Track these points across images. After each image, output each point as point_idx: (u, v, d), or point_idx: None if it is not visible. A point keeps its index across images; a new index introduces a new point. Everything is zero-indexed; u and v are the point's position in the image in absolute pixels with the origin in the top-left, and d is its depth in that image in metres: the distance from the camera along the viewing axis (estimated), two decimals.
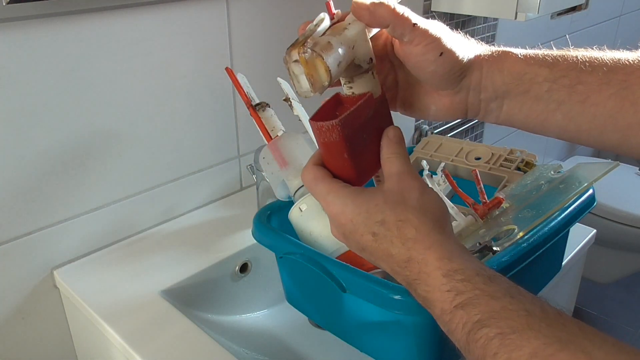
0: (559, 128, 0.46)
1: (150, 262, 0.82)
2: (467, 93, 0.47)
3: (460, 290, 0.39)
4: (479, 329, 0.37)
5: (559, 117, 0.45)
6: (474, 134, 1.64)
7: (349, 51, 0.43)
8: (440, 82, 0.46)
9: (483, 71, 0.46)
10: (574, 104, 0.44)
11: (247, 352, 0.75)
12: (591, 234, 0.91)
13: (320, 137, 0.45)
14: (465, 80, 0.46)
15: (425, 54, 0.44)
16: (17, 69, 0.69)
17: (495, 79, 0.46)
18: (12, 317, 0.79)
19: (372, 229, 0.43)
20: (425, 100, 0.49)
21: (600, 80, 0.43)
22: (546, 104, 0.45)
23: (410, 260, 0.42)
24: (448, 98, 0.48)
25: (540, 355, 0.34)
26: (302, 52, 0.42)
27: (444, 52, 0.44)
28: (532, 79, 0.45)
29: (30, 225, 0.77)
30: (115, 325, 0.70)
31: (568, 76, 0.44)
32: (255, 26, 0.94)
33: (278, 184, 0.70)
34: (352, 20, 0.44)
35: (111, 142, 0.82)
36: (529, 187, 0.74)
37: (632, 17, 2.22)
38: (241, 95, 0.72)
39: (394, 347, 0.61)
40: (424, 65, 0.45)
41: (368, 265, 0.62)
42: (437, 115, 0.49)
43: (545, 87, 0.44)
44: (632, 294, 2.07)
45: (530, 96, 0.45)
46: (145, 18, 0.79)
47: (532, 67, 0.45)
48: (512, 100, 0.47)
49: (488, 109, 0.48)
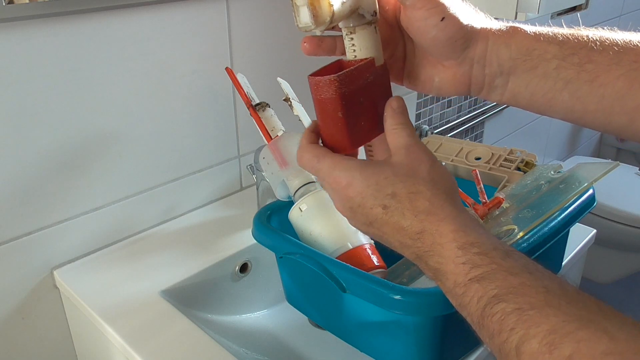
0: (566, 108, 0.44)
1: (150, 262, 0.82)
2: (471, 66, 0.46)
3: (477, 263, 0.38)
4: (496, 304, 0.36)
5: (566, 96, 0.44)
6: (474, 134, 1.64)
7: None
8: (442, 50, 0.45)
9: (489, 43, 0.45)
10: (582, 84, 0.43)
11: (247, 352, 0.75)
12: (591, 234, 0.91)
13: (317, 93, 0.44)
14: (469, 50, 0.45)
15: (426, 18, 0.43)
16: (17, 69, 0.69)
17: (501, 53, 0.45)
18: (12, 317, 0.79)
19: (383, 201, 0.43)
20: (429, 71, 0.48)
21: (610, 60, 0.42)
22: (554, 82, 0.44)
23: (423, 232, 0.41)
24: (451, 70, 0.47)
25: (559, 332, 0.33)
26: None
27: (446, 17, 0.43)
28: (541, 55, 0.44)
29: (30, 225, 0.77)
30: (115, 325, 0.70)
31: (578, 54, 0.43)
32: (255, 26, 0.94)
33: (278, 184, 0.70)
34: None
35: (111, 142, 0.82)
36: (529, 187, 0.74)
37: (632, 17, 2.22)
38: (241, 95, 0.72)
39: (394, 347, 0.61)
40: (426, 30, 0.44)
41: (368, 265, 0.62)
42: (440, 87, 0.48)
43: (553, 65, 0.43)
44: (632, 294, 2.07)
45: (537, 73, 0.44)
46: (145, 18, 0.79)
47: (541, 44, 0.44)
48: (518, 77, 0.45)
49: (492, 84, 0.47)
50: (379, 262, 0.63)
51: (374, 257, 0.63)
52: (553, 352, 0.32)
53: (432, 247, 0.41)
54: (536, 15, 1.17)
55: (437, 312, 0.55)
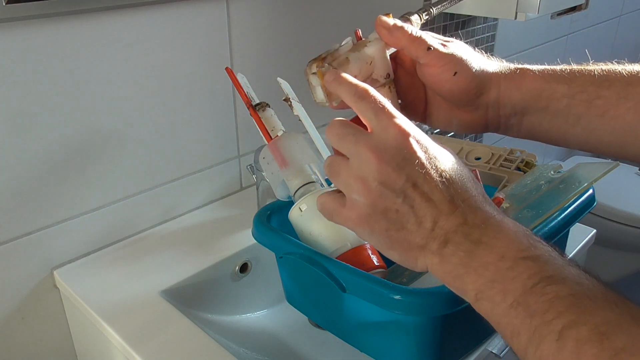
0: (580, 141, 0.47)
1: (150, 262, 0.82)
2: (487, 110, 0.49)
3: (537, 247, 0.37)
4: (550, 284, 0.34)
5: (579, 130, 0.46)
6: (474, 134, 1.64)
7: (366, 66, 0.47)
8: (458, 100, 0.49)
9: (501, 89, 0.48)
10: (593, 118, 0.45)
11: (247, 352, 0.75)
12: (591, 234, 0.91)
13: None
14: (483, 97, 0.48)
15: (439, 75, 0.47)
16: (17, 69, 0.69)
17: (513, 97, 0.48)
18: (12, 317, 0.79)
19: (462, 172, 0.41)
20: (448, 115, 0.51)
21: (618, 95, 0.44)
22: (565, 118, 0.46)
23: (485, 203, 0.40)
24: (468, 114, 0.50)
25: (613, 324, 0.31)
26: (320, 66, 0.46)
27: (458, 72, 0.46)
28: (551, 95, 0.46)
29: (30, 225, 0.77)
30: (115, 325, 0.70)
31: (586, 91, 0.45)
32: (255, 26, 0.94)
33: (278, 184, 0.70)
34: (374, 37, 0.48)
35: (111, 142, 0.82)
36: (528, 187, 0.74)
37: (632, 17, 2.22)
38: (241, 95, 0.72)
39: (394, 347, 0.61)
40: (440, 84, 0.47)
41: (368, 265, 0.62)
42: (459, 129, 0.51)
43: (563, 103, 0.46)
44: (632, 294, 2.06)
45: (549, 112, 0.47)
46: (145, 18, 0.79)
47: (550, 84, 0.46)
48: (531, 116, 0.48)
49: (508, 124, 0.50)
50: (379, 262, 0.63)
51: (374, 257, 0.63)
52: (603, 342, 0.31)
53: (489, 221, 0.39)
54: (536, 15, 1.17)
55: (437, 312, 0.55)
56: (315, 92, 0.48)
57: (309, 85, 0.48)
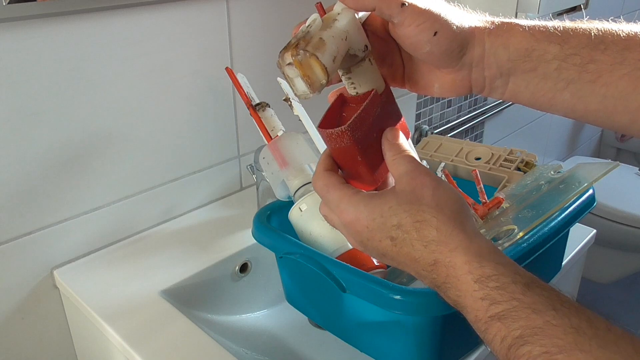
0: (567, 107, 0.43)
1: (150, 262, 0.82)
2: (470, 70, 0.44)
3: (496, 299, 0.36)
4: (521, 346, 0.34)
5: (567, 96, 0.42)
6: (474, 134, 1.64)
7: (342, 43, 0.41)
8: (439, 61, 0.44)
9: (486, 47, 0.43)
10: (583, 84, 0.41)
11: (247, 352, 0.75)
12: (591, 234, 0.91)
13: (331, 144, 0.44)
14: (467, 57, 0.44)
15: (417, 35, 0.41)
16: (17, 69, 0.69)
17: (499, 56, 0.43)
18: (12, 317, 0.79)
19: (390, 233, 0.41)
20: (428, 77, 0.47)
21: (613, 59, 0.40)
22: (554, 82, 0.42)
23: (436, 263, 0.40)
24: (450, 76, 0.45)
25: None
26: (295, 54, 0.40)
27: (438, 31, 0.41)
28: (540, 56, 0.42)
29: (30, 225, 0.77)
30: (115, 325, 0.70)
31: (579, 54, 0.41)
32: (255, 26, 0.94)
33: (278, 184, 0.70)
34: (341, 8, 0.42)
35: (111, 142, 0.82)
36: (528, 187, 0.74)
37: (632, 17, 2.22)
38: (241, 95, 0.72)
39: (394, 347, 0.61)
40: (419, 46, 0.42)
41: (368, 265, 0.62)
42: (441, 92, 0.47)
43: (554, 66, 0.42)
44: (632, 294, 2.07)
45: (537, 74, 0.42)
46: (145, 18, 0.79)
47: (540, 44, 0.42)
48: (517, 78, 0.44)
49: (493, 86, 0.45)
50: (378, 262, 0.63)
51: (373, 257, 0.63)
52: None
53: (448, 279, 0.39)
54: (536, 15, 1.17)
55: (437, 312, 0.55)
56: (295, 84, 0.42)
57: (286, 78, 0.42)
